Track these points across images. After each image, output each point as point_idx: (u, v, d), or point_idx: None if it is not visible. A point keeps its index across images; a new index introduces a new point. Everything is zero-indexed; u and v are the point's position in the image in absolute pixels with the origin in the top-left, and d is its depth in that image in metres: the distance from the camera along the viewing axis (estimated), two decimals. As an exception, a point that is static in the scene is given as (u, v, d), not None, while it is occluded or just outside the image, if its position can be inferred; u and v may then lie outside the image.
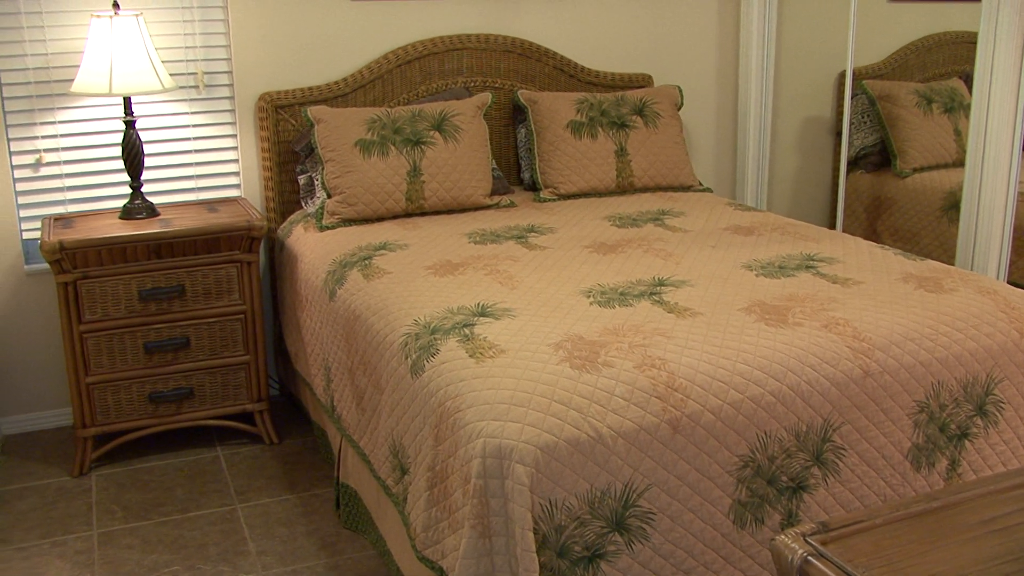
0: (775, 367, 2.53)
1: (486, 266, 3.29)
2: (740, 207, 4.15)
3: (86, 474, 3.87)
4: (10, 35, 3.95)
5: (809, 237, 3.64)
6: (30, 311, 4.17)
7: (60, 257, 3.63)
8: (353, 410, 3.15)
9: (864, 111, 5.11)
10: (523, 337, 2.63)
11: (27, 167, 4.08)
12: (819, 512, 2.56)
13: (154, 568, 3.24)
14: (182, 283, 3.82)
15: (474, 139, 4.13)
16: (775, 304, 2.88)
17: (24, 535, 3.45)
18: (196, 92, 4.25)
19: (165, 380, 3.89)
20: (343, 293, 3.31)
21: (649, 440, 2.34)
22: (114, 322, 3.77)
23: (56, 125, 4.08)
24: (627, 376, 2.42)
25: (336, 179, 3.94)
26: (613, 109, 4.45)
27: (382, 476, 2.87)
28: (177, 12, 4.15)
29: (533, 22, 4.68)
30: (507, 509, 2.22)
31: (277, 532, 3.44)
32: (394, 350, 2.79)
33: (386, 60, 4.40)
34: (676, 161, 4.48)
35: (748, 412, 2.45)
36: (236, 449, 4.05)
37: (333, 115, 4.03)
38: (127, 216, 3.94)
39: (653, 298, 2.94)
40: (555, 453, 2.25)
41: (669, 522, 2.38)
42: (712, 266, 3.27)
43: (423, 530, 2.48)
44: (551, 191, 4.34)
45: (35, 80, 4.02)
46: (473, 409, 2.35)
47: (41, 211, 4.12)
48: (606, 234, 3.70)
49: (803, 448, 2.53)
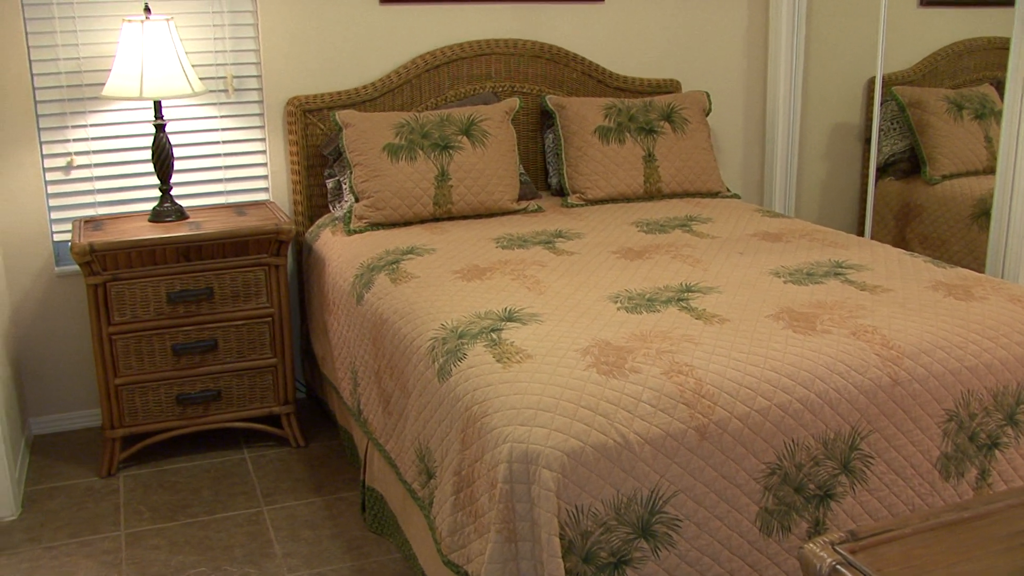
0: (803, 374, 2.52)
1: (513, 271, 3.29)
2: (768, 213, 4.13)
3: (114, 475, 3.89)
4: (43, 39, 3.98)
5: (838, 244, 3.63)
6: (60, 313, 4.20)
7: (90, 259, 3.66)
8: (379, 414, 3.16)
9: (894, 117, 5.08)
10: (550, 342, 2.63)
11: (58, 170, 4.12)
12: (846, 521, 2.55)
13: (180, 569, 3.25)
14: (210, 286, 3.84)
15: (502, 144, 4.14)
16: (803, 311, 2.87)
17: (53, 534, 3.48)
18: (226, 96, 4.27)
19: (193, 382, 3.91)
20: (370, 297, 3.31)
21: (676, 446, 2.34)
22: (143, 324, 3.79)
23: (87, 128, 4.11)
24: (654, 382, 2.42)
25: (364, 183, 3.95)
26: (641, 114, 4.44)
27: (408, 480, 2.88)
28: (207, 17, 4.18)
29: (562, 27, 4.68)
30: (533, 514, 2.22)
31: (303, 535, 3.45)
32: (421, 354, 2.80)
33: (414, 65, 4.41)
34: (704, 167, 4.47)
35: (775, 419, 2.44)
36: (263, 451, 4.07)
37: (361, 119, 4.05)
38: (156, 219, 3.96)
39: (681, 304, 2.93)
40: (582, 458, 2.24)
41: (695, 529, 2.37)
42: (740, 272, 3.26)
43: (449, 534, 2.49)
44: (579, 196, 4.33)
45: (67, 84, 4.05)
46: (500, 414, 2.35)
47: (72, 213, 4.15)
48: (633, 240, 3.69)
49: (831, 456, 2.51)
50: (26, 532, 3.50)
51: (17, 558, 3.34)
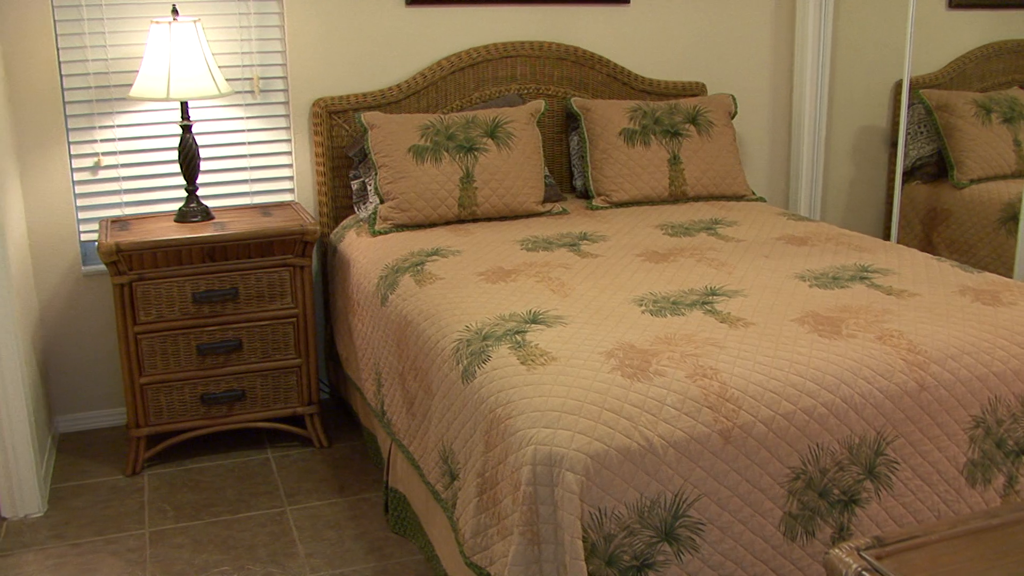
0: (828, 379, 2.51)
1: (538, 273, 3.29)
2: (793, 217, 4.12)
3: (139, 473, 3.91)
4: (72, 41, 4.01)
5: (863, 248, 3.61)
6: (86, 312, 4.23)
7: (116, 259, 3.68)
8: (403, 415, 3.17)
9: (921, 121, 5.06)
10: (574, 345, 2.63)
11: (86, 170, 4.14)
12: (871, 526, 2.54)
13: (204, 568, 3.27)
14: (235, 286, 3.86)
15: (527, 146, 4.14)
16: (828, 315, 2.86)
17: (79, 532, 3.50)
18: (252, 97, 4.29)
19: (217, 382, 3.93)
20: (395, 298, 3.32)
21: (700, 450, 2.33)
22: (168, 324, 3.81)
23: (114, 129, 4.14)
24: (678, 386, 2.41)
25: (389, 184, 3.96)
26: (666, 117, 4.43)
27: (431, 481, 2.88)
28: (234, 19, 4.20)
29: (587, 30, 4.68)
30: (556, 517, 2.22)
31: (326, 535, 3.46)
32: (445, 356, 2.80)
33: (440, 67, 4.42)
34: (729, 170, 4.46)
35: (800, 424, 2.43)
36: (286, 452, 4.08)
37: (387, 121, 4.05)
38: (182, 219, 3.98)
39: (705, 308, 2.93)
40: (605, 461, 2.24)
41: (719, 533, 2.36)
42: (765, 276, 3.25)
43: (472, 536, 2.49)
44: (603, 199, 4.33)
45: (95, 85, 4.08)
46: (524, 416, 2.35)
47: (98, 213, 4.18)
48: (658, 243, 3.68)
49: (855, 461, 2.50)
50: (52, 529, 3.52)
51: (43, 554, 3.36)
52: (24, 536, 3.48)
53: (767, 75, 5.08)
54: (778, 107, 5.15)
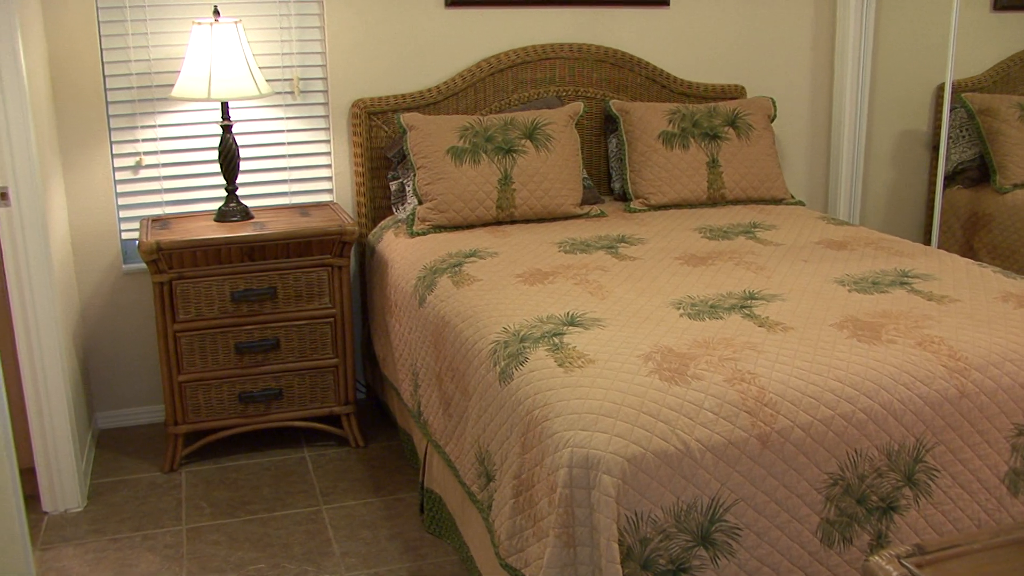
0: (867, 384, 2.49)
1: (576, 275, 3.29)
2: (833, 221, 4.09)
3: (176, 470, 3.95)
4: (116, 42, 4.05)
5: (904, 253, 3.58)
6: (127, 309, 4.27)
7: (157, 257, 3.71)
8: (440, 416, 3.17)
9: (963, 125, 5.01)
10: (612, 348, 2.63)
11: (127, 169, 4.18)
12: (910, 534, 2.51)
13: (240, 565, 3.29)
14: (274, 285, 3.88)
15: (565, 148, 4.13)
16: (868, 320, 2.84)
17: (117, 527, 3.53)
18: (291, 98, 4.32)
19: (255, 381, 3.95)
20: (433, 299, 3.33)
21: (737, 455, 2.32)
22: (207, 322, 3.84)
23: (156, 128, 4.17)
24: (716, 389, 2.40)
25: (428, 186, 3.97)
26: (705, 120, 4.41)
27: (467, 482, 2.88)
28: (275, 20, 4.22)
29: (626, 32, 4.67)
30: (592, 519, 2.22)
31: (361, 534, 3.47)
32: (483, 357, 2.80)
33: (479, 68, 4.42)
34: (768, 173, 4.43)
35: (839, 429, 2.41)
36: (322, 451, 4.10)
37: (426, 122, 4.06)
38: (222, 218, 4.01)
39: (744, 311, 2.91)
40: (642, 465, 2.23)
41: (755, 538, 2.35)
42: (804, 280, 3.23)
43: (507, 538, 2.49)
44: (641, 201, 4.32)
45: (138, 85, 4.11)
46: (561, 418, 2.34)
47: (139, 212, 4.22)
48: (697, 246, 3.67)
49: (894, 468, 2.48)
50: (91, 524, 3.56)
51: (83, 548, 3.40)
52: (64, 530, 3.52)
53: (807, 78, 5.05)
54: (818, 110, 5.12)
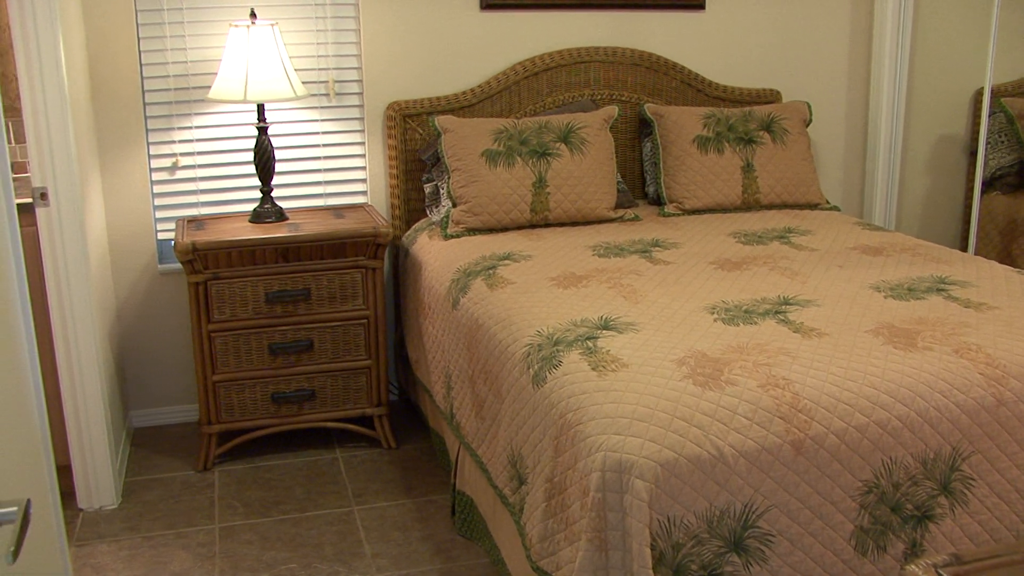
0: (902, 391, 2.47)
1: (609, 279, 3.28)
2: (868, 227, 4.06)
3: (209, 469, 3.97)
4: (154, 44, 4.09)
5: (940, 259, 3.55)
6: (162, 309, 4.30)
7: (192, 258, 3.73)
8: (472, 418, 3.17)
9: (1001, 130, 4.96)
10: (646, 352, 2.62)
11: (164, 170, 4.21)
12: (945, 543, 2.49)
13: (272, 564, 3.30)
14: (308, 287, 3.90)
15: (600, 152, 4.13)
16: (904, 327, 2.81)
17: (151, 525, 3.56)
18: (327, 100, 4.34)
19: (288, 381, 3.97)
20: (466, 302, 3.33)
21: (771, 461, 2.31)
22: (241, 323, 3.86)
23: (192, 130, 4.20)
24: (750, 395, 2.39)
25: (462, 188, 3.97)
26: (740, 124, 4.40)
27: (499, 485, 2.88)
28: (311, 22, 4.25)
29: (661, 36, 4.66)
30: (625, 524, 2.21)
31: (392, 536, 3.48)
32: (516, 360, 2.80)
33: (514, 71, 4.43)
34: (803, 178, 4.41)
35: (873, 436, 2.40)
36: (354, 452, 4.11)
37: (460, 125, 4.07)
38: (257, 219, 4.03)
39: (778, 317, 2.90)
40: (675, 470, 2.23)
41: (788, 545, 2.34)
42: (839, 286, 3.21)
43: (539, 541, 2.49)
44: (676, 206, 4.31)
45: (175, 87, 4.14)
46: (594, 422, 2.34)
47: (175, 212, 4.25)
48: (731, 251, 3.66)
49: (930, 476, 2.46)
50: (125, 521, 3.59)
51: (117, 545, 3.42)
52: (99, 527, 3.55)
53: (843, 82, 5.02)
54: (854, 114, 5.08)
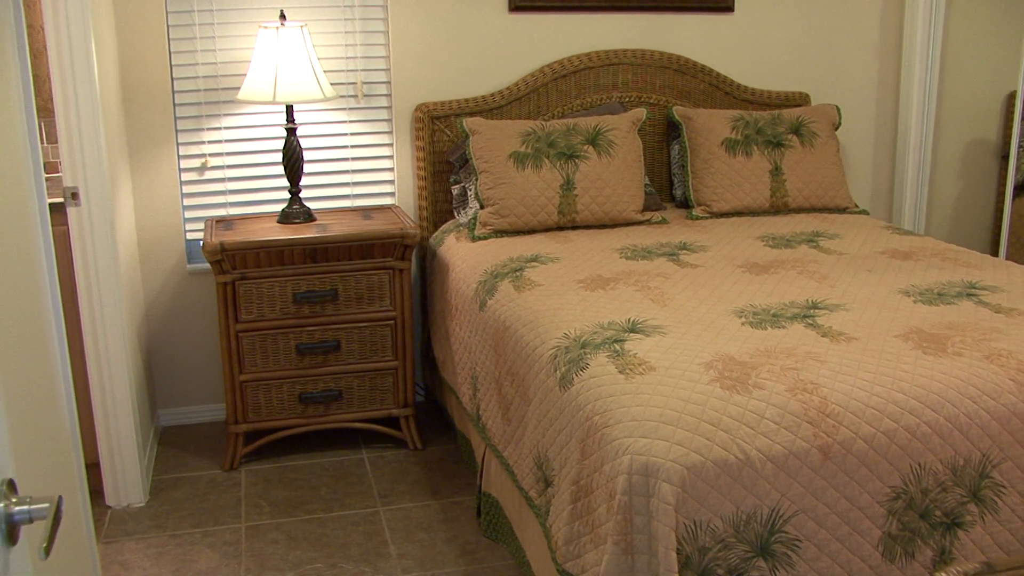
0: (932, 397, 2.46)
1: (637, 282, 3.28)
2: (897, 231, 4.04)
3: (236, 468, 3.99)
4: (184, 45, 4.11)
5: (971, 264, 3.52)
6: (190, 309, 4.32)
7: (221, 258, 3.75)
8: (499, 420, 3.18)
9: (1033, 135, 4.92)
10: (673, 355, 2.61)
11: (193, 170, 4.24)
12: (974, 551, 2.47)
13: (298, 564, 3.31)
14: (335, 287, 3.91)
15: (628, 154, 4.12)
16: (934, 332, 2.80)
17: (178, 523, 3.58)
18: (355, 101, 4.35)
19: (315, 381, 3.98)
20: (493, 303, 3.33)
21: (798, 465, 2.30)
22: (269, 323, 3.88)
23: (221, 131, 4.22)
24: (778, 399, 2.38)
25: (489, 190, 3.98)
26: (769, 127, 4.38)
27: (525, 487, 2.88)
28: (340, 24, 4.26)
29: (690, 38, 4.65)
30: (651, 527, 2.21)
31: (417, 536, 3.48)
32: (543, 362, 2.80)
33: (542, 73, 4.43)
34: (832, 182, 4.39)
35: (902, 442, 2.38)
36: (380, 453, 4.12)
37: (488, 127, 4.07)
38: (285, 220, 4.05)
39: (806, 321, 2.88)
40: (702, 473, 2.22)
41: (815, 550, 2.32)
42: (868, 291, 3.20)
43: (564, 543, 2.48)
44: (703, 209, 4.29)
45: (204, 88, 4.17)
46: (621, 425, 2.34)
47: (204, 213, 4.27)
48: (759, 254, 3.64)
49: (959, 483, 2.44)
50: (153, 519, 3.61)
51: (144, 543, 3.44)
52: (127, 524, 3.57)
53: (873, 85, 4.99)
54: (883, 117, 5.06)
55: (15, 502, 1.26)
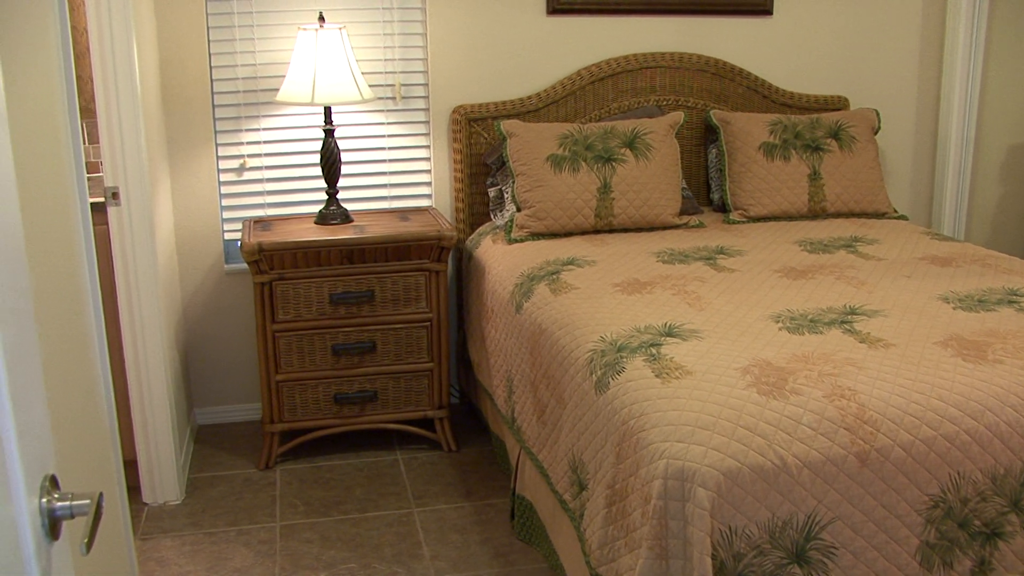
0: (972, 405, 2.43)
1: (674, 286, 3.27)
2: (937, 236, 4.00)
3: (271, 468, 4.01)
4: (223, 47, 4.14)
5: (1012, 271, 3.49)
6: (227, 309, 4.35)
7: (258, 258, 3.77)
8: (534, 423, 3.17)
9: (1076, 141, 4.87)
10: (710, 360, 2.60)
11: (231, 171, 4.27)
12: (1015, 562, 2.44)
13: (331, 564, 3.33)
14: (372, 289, 3.92)
15: (665, 158, 4.11)
16: (973, 339, 2.77)
17: (213, 521, 3.60)
18: (393, 103, 4.36)
19: (350, 382, 4.00)
20: (529, 306, 3.33)
21: (835, 472, 2.28)
22: (305, 323, 3.90)
23: (260, 132, 4.25)
24: (815, 405, 2.37)
25: (526, 193, 3.98)
26: (807, 132, 4.35)
27: (559, 490, 2.88)
28: (378, 26, 4.28)
29: (728, 42, 4.63)
30: (686, 532, 2.20)
31: (451, 538, 3.49)
32: (579, 366, 2.80)
33: (579, 76, 4.42)
34: (871, 187, 4.36)
35: (941, 450, 2.36)
36: (415, 454, 4.13)
37: (525, 129, 4.07)
38: (322, 221, 4.06)
39: (844, 327, 2.87)
40: (738, 479, 2.21)
41: (852, 558, 2.31)
42: (907, 297, 3.17)
43: (599, 547, 2.48)
44: (741, 213, 4.27)
45: (243, 89, 4.20)
46: (657, 429, 2.33)
47: (242, 213, 4.30)
48: (796, 259, 3.62)
49: (999, 492, 2.41)
50: (188, 517, 3.63)
51: (180, 540, 3.47)
52: (163, 522, 3.60)
53: (913, 89, 4.95)
54: (923, 122, 5.01)
55: (57, 498, 1.27)
